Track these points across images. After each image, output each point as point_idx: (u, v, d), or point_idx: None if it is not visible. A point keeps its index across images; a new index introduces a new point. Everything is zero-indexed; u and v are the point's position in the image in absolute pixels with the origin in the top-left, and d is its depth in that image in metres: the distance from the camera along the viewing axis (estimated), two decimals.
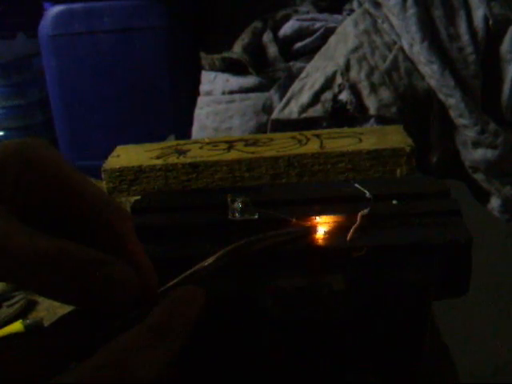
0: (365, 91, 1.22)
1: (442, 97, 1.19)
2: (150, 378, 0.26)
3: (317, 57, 1.33)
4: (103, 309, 0.28)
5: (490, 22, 1.18)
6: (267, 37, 1.42)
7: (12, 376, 0.26)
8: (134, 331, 0.27)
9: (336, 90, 1.23)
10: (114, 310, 0.28)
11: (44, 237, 0.26)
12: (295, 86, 1.30)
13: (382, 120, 1.20)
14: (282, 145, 0.63)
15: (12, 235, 0.25)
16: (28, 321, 0.66)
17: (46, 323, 0.67)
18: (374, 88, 1.22)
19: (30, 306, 0.72)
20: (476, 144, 1.19)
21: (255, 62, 1.40)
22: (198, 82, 1.48)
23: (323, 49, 1.33)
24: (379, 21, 1.26)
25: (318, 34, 1.39)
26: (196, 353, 0.36)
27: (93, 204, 0.29)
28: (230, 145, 0.66)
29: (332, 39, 1.33)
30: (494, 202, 1.25)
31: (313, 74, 1.29)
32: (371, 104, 1.21)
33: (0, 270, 0.25)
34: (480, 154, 1.19)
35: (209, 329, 0.34)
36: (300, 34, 1.41)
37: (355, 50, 1.25)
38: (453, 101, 1.17)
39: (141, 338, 0.27)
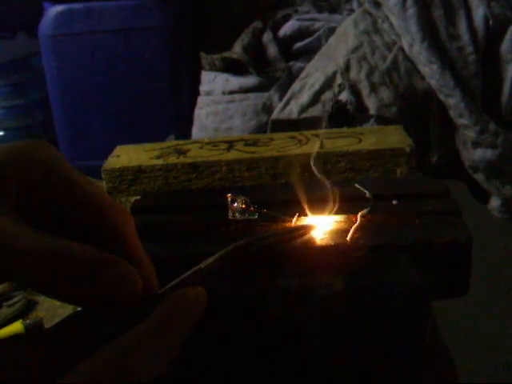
0: (365, 91, 1.22)
1: (442, 97, 1.19)
2: (151, 377, 0.26)
3: (317, 57, 1.33)
4: (106, 308, 0.28)
5: (490, 22, 1.18)
6: (267, 37, 1.43)
7: (14, 379, 0.26)
8: (135, 331, 0.27)
9: (336, 89, 1.23)
10: (116, 309, 0.28)
11: (48, 236, 0.26)
12: (295, 85, 1.30)
13: (382, 120, 1.20)
14: (282, 145, 0.63)
15: (16, 234, 0.25)
16: (28, 321, 0.66)
17: (46, 323, 0.67)
18: (374, 88, 1.22)
19: (30, 306, 0.72)
20: (476, 144, 1.19)
21: (255, 62, 1.40)
22: (198, 82, 1.48)
23: (323, 49, 1.34)
24: (379, 21, 1.26)
25: (317, 33, 1.39)
26: (196, 352, 0.37)
27: (95, 204, 0.29)
28: (230, 145, 0.66)
29: (332, 39, 1.33)
30: (494, 202, 1.25)
31: (313, 74, 1.29)
32: (371, 104, 1.21)
33: (4, 269, 0.26)
34: (480, 153, 1.19)
35: (209, 329, 0.34)
36: (300, 34, 1.41)
37: (355, 50, 1.25)
38: (453, 101, 1.17)
39: (142, 337, 0.27)
